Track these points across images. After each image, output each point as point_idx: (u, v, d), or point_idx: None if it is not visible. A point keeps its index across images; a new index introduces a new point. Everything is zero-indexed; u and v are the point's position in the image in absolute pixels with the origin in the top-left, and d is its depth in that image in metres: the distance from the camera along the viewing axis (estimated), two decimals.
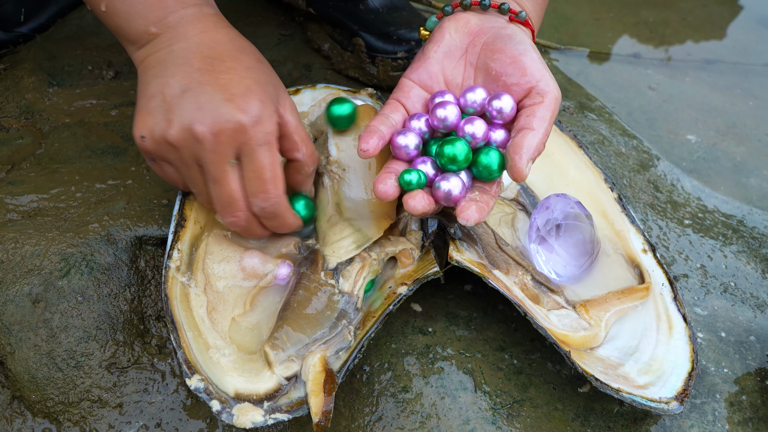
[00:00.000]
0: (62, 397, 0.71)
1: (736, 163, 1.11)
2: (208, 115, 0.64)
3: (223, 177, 0.66)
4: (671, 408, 0.68)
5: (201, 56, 0.67)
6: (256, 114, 0.65)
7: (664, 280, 0.79)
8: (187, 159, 0.66)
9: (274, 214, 0.69)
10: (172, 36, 0.68)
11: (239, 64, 0.68)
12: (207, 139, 0.64)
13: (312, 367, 0.65)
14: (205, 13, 0.70)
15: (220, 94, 0.65)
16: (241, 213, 0.68)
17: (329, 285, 0.70)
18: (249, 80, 0.67)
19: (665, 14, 1.46)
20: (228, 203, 0.67)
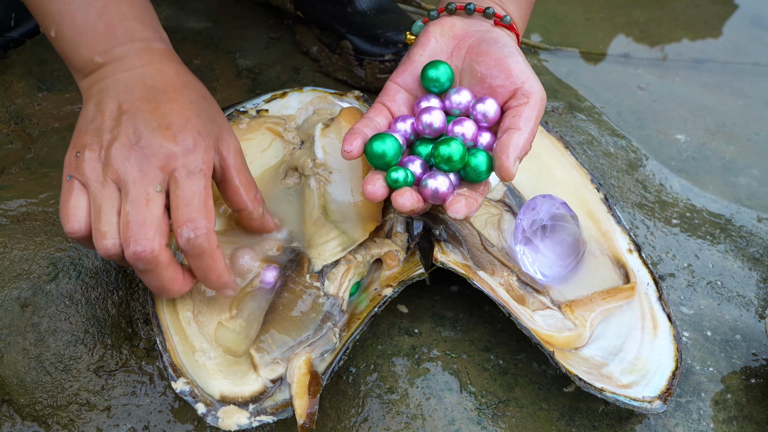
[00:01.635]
0: (51, 401, 0.72)
1: (725, 162, 1.12)
2: (141, 138, 0.63)
3: (145, 198, 0.62)
4: (654, 407, 0.69)
5: (144, 86, 0.66)
6: (190, 145, 0.64)
7: (649, 280, 0.79)
8: (109, 179, 0.63)
9: (201, 249, 0.62)
10: (116, 66, 0.67)
11: (182, 97, 0.67)
12: (136, 162, 0.62)
13: (297, 369, 0.66)
14: (153, 48, 0.69)
15: (157, 121, 0.64)
16: (147, 242, 0.61)
17: (314, 287, 0.71)
18: (189, 113, 0.66)
19: (656, 14, 1.47)
20: (139, 225, 0.61)
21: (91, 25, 0.67)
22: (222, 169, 0.68)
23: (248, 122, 0.83)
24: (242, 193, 0.69)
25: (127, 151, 0.63)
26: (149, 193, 0.62)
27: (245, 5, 1.18)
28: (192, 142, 0.64)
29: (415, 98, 0.74)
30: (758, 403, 0.77)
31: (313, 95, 0.87)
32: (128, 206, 0.62)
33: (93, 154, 0.63)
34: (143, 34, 0.69)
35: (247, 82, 1.03)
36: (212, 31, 1.13)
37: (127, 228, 0.61)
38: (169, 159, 0.63)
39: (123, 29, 0.68)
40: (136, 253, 0.61)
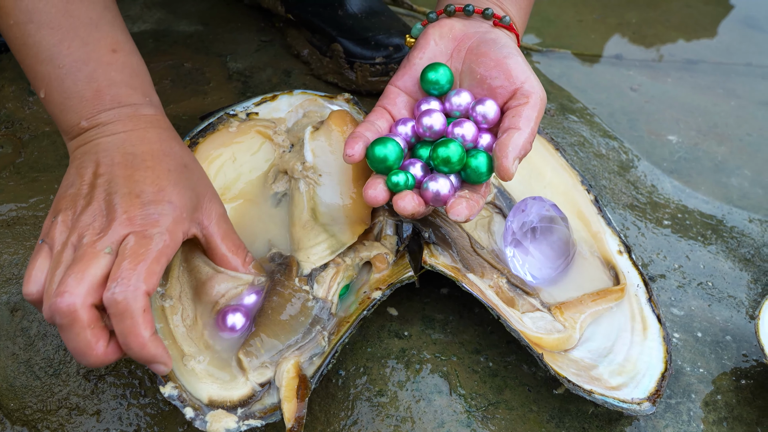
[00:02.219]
0: (40, 405, 0.72)
1: (717, 163, 1.12)
2: (110, 204, 0.62)
3: (91, 256, 0.58)
4: (643, 409, 0.69)
5: (123, 152, 0.65)
6: (155, 215, 0.62)
7: (639, 282, 0.79)
8: (71, 242, 0.61)
9: (124, 308, 0.57)
10: (100, 131, 0.67)
11: (159, 165, 0.65)
12: (98, 226, 0.61)
13: (285, 373, 0.66)
14: (140, 113, 0.68)
15: (128, 188, 0.63)
16: (69, 295, 0.56)
17: (303, 291, 0.71)
18: (165, 182, 0.64)
19: (648, 15, 1.47)
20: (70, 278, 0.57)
21: (79, 89, 0.67)
22: (205, 238, 0.67)
23: (238, 125, 0.83)
24: (229, 260, 0.69)
25: (93, 216, 0.61)
26: (96, 253, 0.59)
27: (236, 8, 1.19)
28: (158, 213, 0.62)
29: (416, 101, 0.74)
30: (748, 404, 0.77)
31: (303, 98, 0.87)
32: (71, 263, 0.59)
33: (65, 219, 0.62)
34: (131, 99, 0.68)
35: (237, 85, 1.03)
36: (203, 35, 1.13)
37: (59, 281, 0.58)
38: (129, 224, 0.61)
39: (111, 95, 0.67)
40: (54, 304, 0.56)
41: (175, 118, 0.96)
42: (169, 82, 1.03)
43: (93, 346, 0.57)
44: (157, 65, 1.05)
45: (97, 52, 0.68)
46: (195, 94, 1.01)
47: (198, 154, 0.79)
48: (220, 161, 0.80)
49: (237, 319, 0.68)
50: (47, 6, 0.67)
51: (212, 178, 0.79)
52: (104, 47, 0.68)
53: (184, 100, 1.00)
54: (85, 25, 0.68)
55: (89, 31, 0.68)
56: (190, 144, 0.80)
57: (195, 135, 0.81)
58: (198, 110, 0.97)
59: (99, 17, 0.69)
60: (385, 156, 0.67)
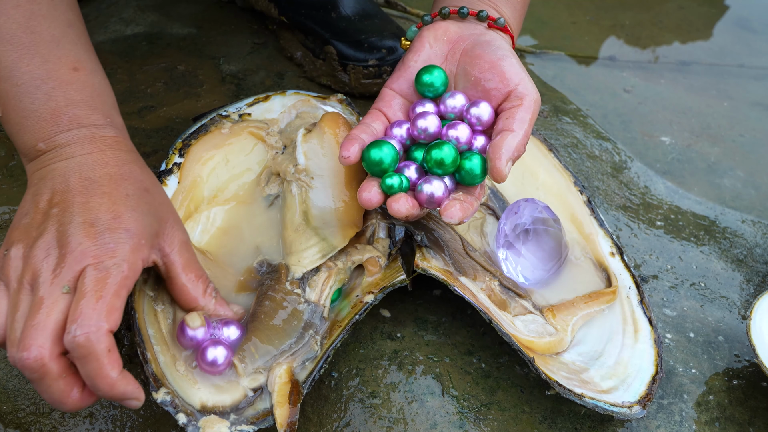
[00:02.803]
0: (33, 408, 0.72)
1: (710, 164, 1.12)
2: (63, 236, 0.59)
3: (47, 298, 0.56)
4: (634, 412, 0.69)
5: (80, 177, 0.62)
6: (110, 243, 0.59)
7: (631, 284, 0.80)
8: (26, 281, 0.58)
9: (86, 351, 0.55)
10: (57, 154, 0.64)
11: (117, 190, 0.62)
12: (52, 261, 0.58)
13: (278, 378, 0.66)
14: (100, 135, 0.65)
15: (83, 216, 0.60)
16: (35, 348, 0.54)
17: (295, 294, 0.71)
18: (122, 208, 0.61)
19: (642, 17, 1.47)
20: (32, 329, 0.55)
21: (37, 109, 0.64)
22: (165, 266, 0.64)
23: (230, 126, 0.83)
24: (189, 290, 0.66)
25: (46, 250, 0.58)
26: (53, 295, 0.57)
27: (229, 11, 1.19)
28: (114, 242, 0.59)
29: (411, 103, 0.74)
30: (740, 404, 0.77)
31: (296, 99, 0.87)
32: (30, 309, 0.57)
33: (18, 252, 0.60)
34: (91, 120, 0.66)
35: (231, 87, 1.03)
36: (196, 37, 1.13)
37: (21, 332, 0.56)
38: (84, 257, 0.58)
39: (69, 115, 0.65)
40: (21, 359, 0.55)
41: (168, 121, 0.96)
42: (162, 85, 1.03)
43: (68, 395, 0.57)
44: (150, 68, 1.05)
45: (57, 71, 0.65)
46: (188, 96, 1.01)
47: (190, 156, 0.79)
48: (212, 163, 0.80)
49: (219, 353, 0.66)
50: (8, 22, 0.64)
51: (204, 180, 0.79)
52: (65, 65, 0.66)
53: (177, 102, 1.00)
54: (47, 42, 0.65)
55: (50, 49, 0.65)
56: (183, 146, 0.80)
57: (187, 137, 0.81)
58: (191, 113, 0.97)
59: (61, 35, 0.66)
60: (381, 159, 0.67)
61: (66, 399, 0.57)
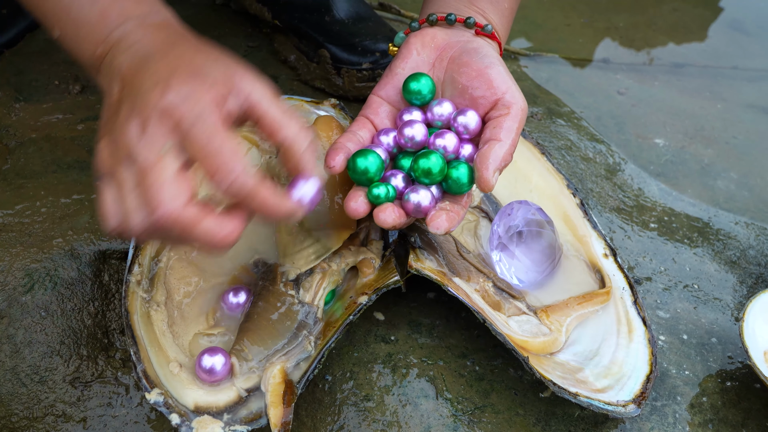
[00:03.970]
0: (27, 413, 0.72)
1: (704, 166, 1.13)
2: (135, 109, 0.59)
3: (151, 162, 0.57)
4: (628, 411, 0.69)
5: (136, 60, 0.62)
6: (183, 91, 0.58)
7: (624, 284, 0.80)
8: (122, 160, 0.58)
9: (245, 191, 0.57)
10: (115, 51, 0.64)
11: (170, 54, 0.62)
12: (135, 134, 0.58)
13: (271, 378, 0.66)
14: (147, 23, 0.66)
15: (147, 82, 0.60)
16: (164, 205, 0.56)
17: (289, 295, 0.71)
18: (177, 63, 0.61)
19: (636, 19, 1.48)
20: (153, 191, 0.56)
21: (86, 15, 0.65)
22: (250, 107, 0.60)
23: None
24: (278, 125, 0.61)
25: (126, 126, 0.58)
26: (156, 155, 0.57)
27: (223, 14, 1.19)
28: (186, 88, 0.58)
29: (398, 110, 0.74)
30: (734, 406, 0.77)
31: (290, 103, 0.87)
32: (138, 178, 0.57)
33: (105, 143, 0.60)
34: (137, 10, 0.66)
35: None
36: None
37: (145, 201, 0.56)
38: (166, 114, 0.58)
39: (116, 12, 0.65)
40: (157, 220, 0.56)
41: None
42: None
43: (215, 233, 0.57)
44: None
45: None
46: None
47: None
48: None
49: (216, 360, 0.66)
50: None
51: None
52: None
53: None
54: None
55: None
56: None
57: None
58: None
59: None
60: (366, 168, 0.67)
61: (215, 237, 0.57)
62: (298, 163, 0.61)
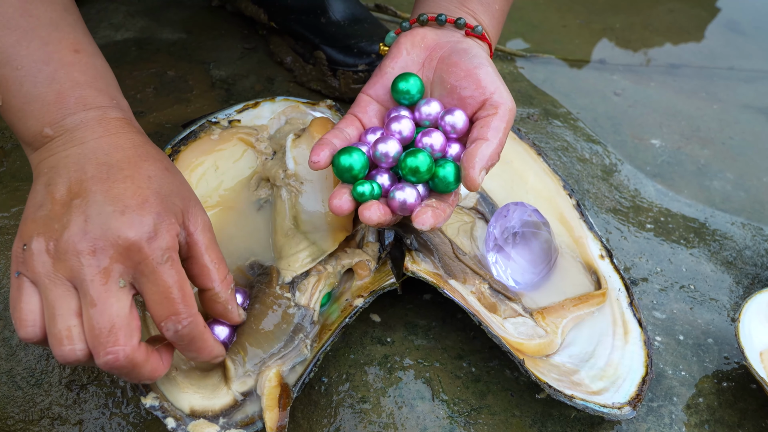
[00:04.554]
0: (22, 415, 0.71)
1: (700, 167, 1.13)
2: (95, 228, 0.57)
3: (106, 299, 0.56)
4: (624, 413, 0.69)
5: (96, 163, 0.60)
6: (149, 229, 0.57)
7: (620, 286, 0.80)
8: (61, 276, 0.57)
9: (191, 337, 0.59)
10: (68, 139, 0.61)
11: (139, 173, 0.60)
12: (90, 255, 0.56)
13: (267, 382, 0.66)
14: (109, 117, 0.63)
15: (111, 205, 0.58)
16: (120, 349, 0.56)
17: (285, 298, 0.71)
18: (148, 191, 0.59)
19: (632, 20, 1.48)
20: (107, 332, 0.56)
21: (40, 92, 0.62)
22: (188, 246, 0.62)
23: (220, 133, 0.83)
24: (211, 271, 0.63)
25: (79, 244, 0.56)
26: (111, 292, 0.56)
27: (219, 16, 1.19)
28: (152, 227, 0.58)
29: (387, 110, 0.74)
30: (730, 407, 0.77)
31: (285, 105, 0.87)
32: (91, 310, 0.56)
33: (41, 246, 0.57)
34: (97, 101, 0.64)
35: (221, 92, 1.04)
36: (186, 42, 1.13)
37: (94, 336, 0.56)
38: (130, 251, 0.57)
39: (75, 97, 0.62)
40: (109, 362, 0.56)
41: (158, 126, 0.96)
42: (152, 90, 1.03)
43: (156, 371, 0.60)
44: (140, 73, 1.05)
45: (58, 53, 0.63)
46: (178, 101, 1.01)
47: (180, 163, 0.79)
48: (202, 169, 0.80)
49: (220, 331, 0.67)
50: (3, 6, 0.62)
51: (194, 187, 0.79)
52: (66, 48, 0.64)
53: (167, 107, 1.00)
54: (45, 25, 0.63)
55: (49, 32, 0.63)
56: (172, 152, 0.80)
57: (177, 143, 0.81)
58: (181, 118, 0.97)
59: (59, 18, 0.64)
60: (351, 165, 0.67)
61: (155, 374, 0.60)
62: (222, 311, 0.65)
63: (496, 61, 1.26)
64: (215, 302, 0.64)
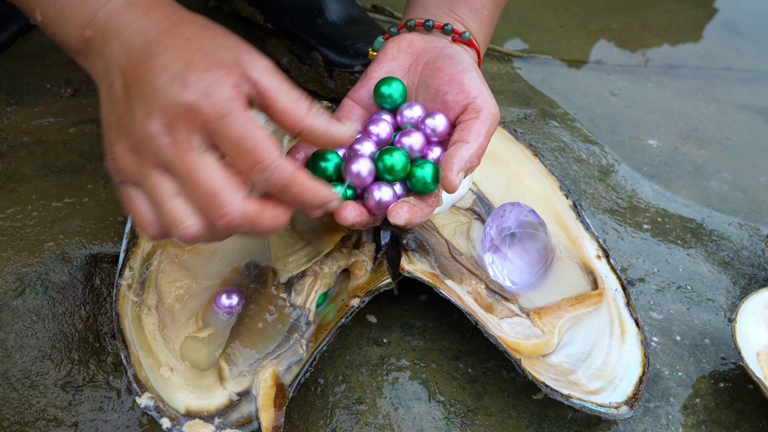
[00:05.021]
0: (18, 417, 0.71)
1: (697, 167, 1.13)
2: (154, 107, 0.56)
3: (194, 168, 0.56)
4: (621, 413, 0.69)
5: (138, 47, 0.59)
6: (202, 86, 0.56)
7: (617, 286, 0.80)
8: (150, 166, 0.57)
9: (284, 182, 0.57)
10: (107, 35, 0.61)
11: (175, 40, 0.58)
12: (161, 135, 0.56)
13: (263, 381, 0.65)
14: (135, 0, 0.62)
15: (160, 79, 0.57)
16: (229, 208, 0.55)
17: (280, 298, 0.71)
18: (190, 51, 0.57)
19: (629, 21, 1.48)
20: (211, 199, 0.56)
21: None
22: (260, 96, 0.58)
23: None
24: (292, 111, 0.59)
25: (147, 129, 0.56)
26: (196, 160, 0.56)
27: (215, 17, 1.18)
28: (203, 83, 0.56)
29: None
30: (727, 407, 0.77)
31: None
32: (186, 185, 0.56)
33: (123, 148, 0.58)
34: None
35: None
36: None
37: (201, 206, 0.56)
38: (192, 114, 0.56)
39: None
40: (227, 224, 0.56)
41: None
42: None
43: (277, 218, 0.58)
44: None
45: None
46: None
47: None
48: None
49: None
50: None
51: None
52: None
53: None
54: None
55: None
56: None
57: None
58: None
59: None
60: (325, 167, 0.67)
61: (277, 222, 0.58)
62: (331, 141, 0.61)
63: (492, 61, 1.26)
64: (316, 136, 0.60)
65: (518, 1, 1.47)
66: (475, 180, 0.88)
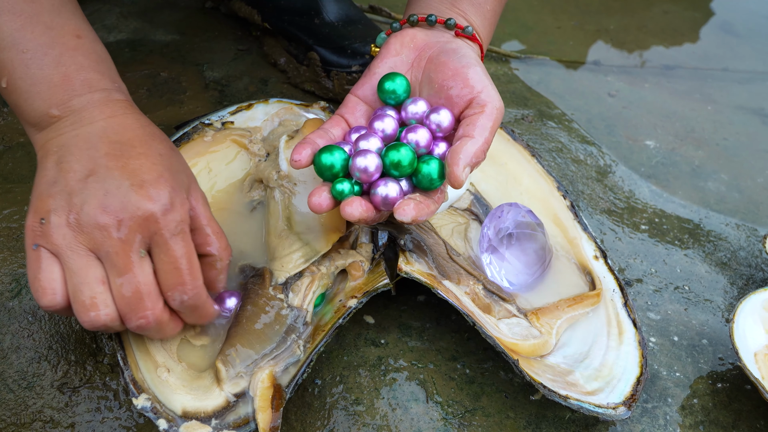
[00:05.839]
0: (14, 419, 0.71)
1: (694, 168, 1.13)
2: (115, 201, 0.60)
3: (131, 268, 0.60)
4: (619, 413, 0.69)
5: (108, 141, 0.63)
6: (166, 202, 0.61)
7: (615, 286, 0.80)
8: (83, 247, 0.60)
9: (194, 306, 0.64)
10: (76, 120, 0.64)
11: (151, 151, 0.64)
12: (113, 228, 0.59)
13: (260, 383, 0.65)
14: (113, 99, 0.66)
15: (129, 180, 0.61)
16: (150, 312, 0.61)
17: (278, 299, 0.71)
18: (161, 167, 0.63)
19: (626, 21, 1.48)
20: (137, 299, 0.61)
21: (46, 74, 0.64)
22: (192, 219, 0.65)
23: (213, 135, 0.83)
24: (213, 239, 0.66)
25: (101, 217, 0.59)
26: (135, 261, 0.60)
27: (213, 17, 1.18)
28: (168, 200, 0.61)
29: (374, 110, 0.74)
30: (724, 408, 0.77)
31: (278, 106, 0.87)
32: (118, 279, 0.60)
33: (61, 220, 0.60)
34: (101, 84, 0.66)
35: (214, 94, 1.03)
36: (180, 44, 1.13)
37: (125, 303, 0.61)
38: (148, 221, 0.60)
39: (80, 80, 0.65)
40: (141, 325, 0.62)
41: None
42: (145, 92, 1.02)
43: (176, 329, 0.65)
44: (133, 74, 1.05)
45: (62, 38, 0.65)
46: (171, 103, 1.01)
47: None
48: (195, 171, 0.80)
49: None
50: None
51: None
52: (68, 33, 0.66)
53: (160, 109, 0.99)
54: (48, 11, 0.65)
55: (52, 17, 0.66)
56: None
57: None
58: (174, 119, 0.96)
59: (60, 5, 0.67)
60: (332, 164, 0.66)
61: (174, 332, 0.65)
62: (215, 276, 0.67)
63: (490, 62, 1.26)
64: (212, 267, 0.67)
65: (516, 2, 1.47)
66: (473, 180, 0.87)
